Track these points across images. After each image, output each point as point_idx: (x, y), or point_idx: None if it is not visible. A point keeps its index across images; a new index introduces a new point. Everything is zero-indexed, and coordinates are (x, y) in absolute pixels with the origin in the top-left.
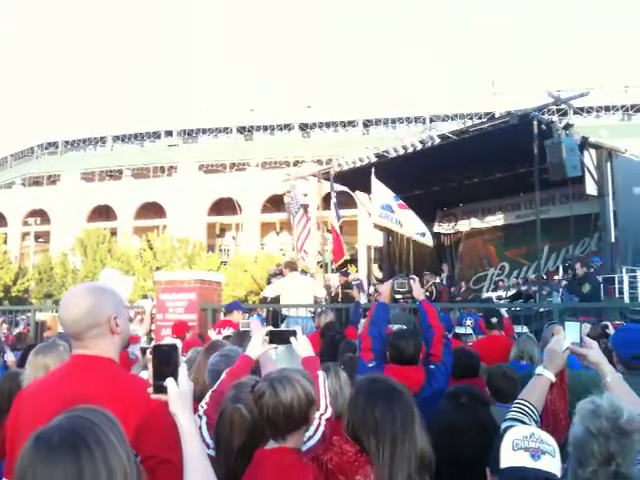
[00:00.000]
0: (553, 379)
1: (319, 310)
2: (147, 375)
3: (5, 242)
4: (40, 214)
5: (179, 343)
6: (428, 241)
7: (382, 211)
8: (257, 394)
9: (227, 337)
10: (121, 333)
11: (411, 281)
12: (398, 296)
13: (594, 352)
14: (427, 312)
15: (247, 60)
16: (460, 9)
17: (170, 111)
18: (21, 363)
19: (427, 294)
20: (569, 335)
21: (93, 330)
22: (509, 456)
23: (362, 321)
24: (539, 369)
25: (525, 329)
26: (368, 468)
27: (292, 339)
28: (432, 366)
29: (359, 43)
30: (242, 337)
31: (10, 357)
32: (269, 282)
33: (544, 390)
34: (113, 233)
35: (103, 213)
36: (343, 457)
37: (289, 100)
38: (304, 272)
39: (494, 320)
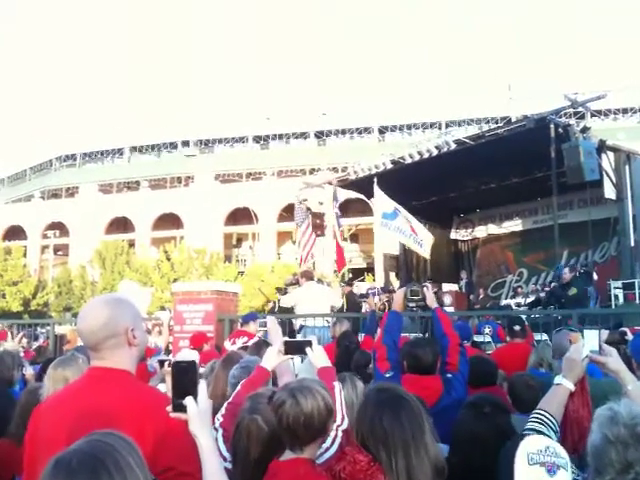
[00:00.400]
0: (572, 388)
1: (335, 319)
2: (165, 388)
3: (25, 255)
4: (59, 227)
5: (197, 356)
6: (425, 252)
7: (383, 220)
8: (277, 403)
9: (244, 348)
10: (138, 345)
11: (424, 289)
12: (411, 304)
13: (613, 360)
14: (441, 320)
15: (262, 69)
16: (476, 12)
17: (186, 121)
18: (40, 377)
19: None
20: (588, 343)
21: (110, 341)
22: (524, 471)
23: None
24: (558, 378)
25: (544, 336)
26: (381, 477)
27: (307, 349)
28: (449, 375)
29: (374, 50)
30: (259, 347)
31: (29, 371)
32: (285, 292)
33: (563, 400)
34: (131, 245)
35: (121, 225)
36: (356, 466)
37: (304, 108)
38: (320, 281)
39: (517, 328)
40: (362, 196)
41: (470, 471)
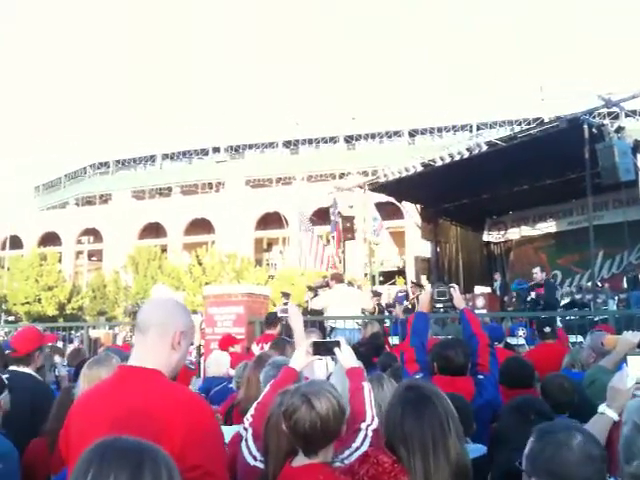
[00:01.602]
0: (616, 418)
1: (365, 322)
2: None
3: (60, 261)
4: (93, 233)
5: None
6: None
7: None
8: (290, 409)
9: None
10: (180, 354)
11: (451, 289)
12: (438, 305)
13: None
14: (470, 320)
15: (292, 75)
16: (506, 12)
17: (217, 128)
18: (75, 378)
19: (409, 306)
20: (633, 370)
21: (157, 329)
22: None
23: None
24: (601, 407)
25: (580, 338)
26: (404, 479)
27: (336, 350)
28: (481, 376)
29: (404, 53)
30: (281, 345)
31: (62, 372)
32: (316, 292)
33: (605, 429)
34: (163, 250)
35: (153, 230)
36: (379, 468)
37: (334, 113)
38: (350, 284)
39: (547, 329)
40: (392, 199)
41: (515, 475)
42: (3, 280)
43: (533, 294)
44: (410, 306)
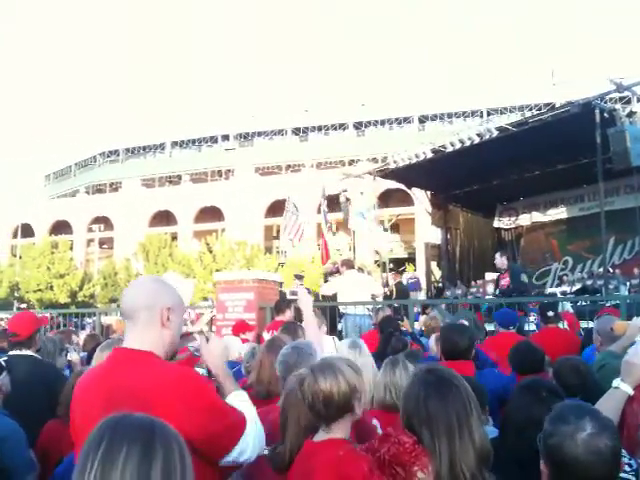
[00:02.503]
0: (631, 393)
1: (377, 307)
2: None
3: (71, 249)
4: (103, 221)
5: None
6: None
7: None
8: (299, 381)
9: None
10: (171, 330)
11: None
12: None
13: None
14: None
15: (300, 61)
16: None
17: (226, 115)
18: (88, 362)
19: (387, 293)
20: None
21: (144, 313)
22: None
23: (421, 318)
24: (616, 382)
25: (592, 324)
26: (426, 460)
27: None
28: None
29: (413, 37)
30: (293, 329)
31: (74, 356)
32: (326, 280)
33: (620, 404)
34: (174, 237)
35: (164, 218)
36: (400, 448)
37: (343, 99)
38: (361, 270)
39: (550, 313)
40: (402, 186)
41: (526, 455)
42: (15, 268)
43: (503, 282)
44: (388, 293)
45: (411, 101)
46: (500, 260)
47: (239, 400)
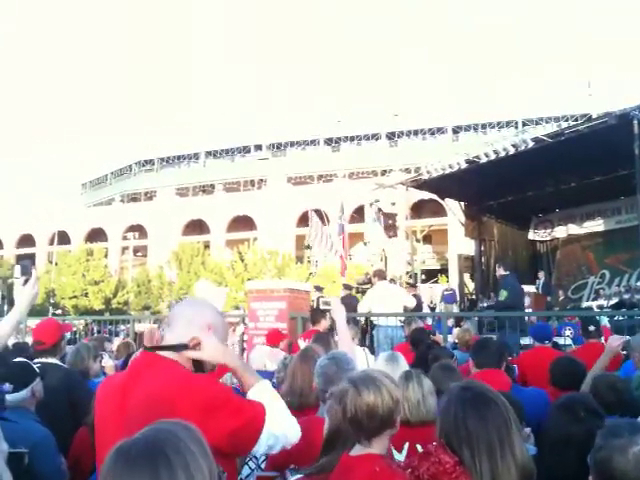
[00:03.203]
0: None
1: (409, 319)
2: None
3: (106, 256)
4: (138, 229)
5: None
6: None
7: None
8: (340, 393)
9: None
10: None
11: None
12: None
13: None
14: None
15: (333, 72)
16: (555, 5)
17: (259, 126)
18: (123, 369)
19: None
20: None
21: (183, 322)
22: None
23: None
24: None
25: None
26: None
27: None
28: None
29: (448, 47)
30: (326, 339)
31: (108, 363)
32: (349, 287)
33: None
34: (206, 246)
35: (197, 227)
36: (440, 468)
37: (375, 109)
38: (392, 281)
39: (592, 328)
40: (435, 196)
41: (562, 474)
42: (51, 275)
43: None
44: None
45: (445, 111)
46: (498, 271)
47: (260, 392)
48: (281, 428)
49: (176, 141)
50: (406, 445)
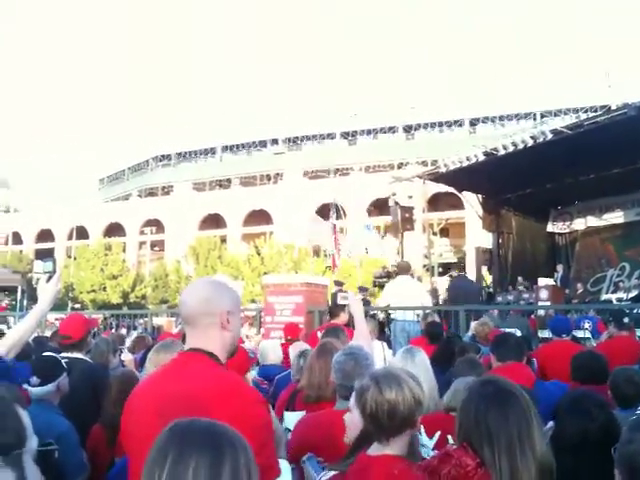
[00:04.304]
0: None
1: (425, 313)
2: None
3: (124, 250)
4: (155, 224)
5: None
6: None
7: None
8: (361, 390)
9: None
10: (231, 331)
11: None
12: None
13: None
14: None
15: (349, 65)
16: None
17: (275, 120)
18: (142, 364)
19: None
20: None
21: (206, 319)
22: None
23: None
24: None
25: None
26: None
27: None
28: None
29: (464, 39)
30: (335, 333)
31: (128, 357)
32: (365, 290)
33: None
34: (223, 240)
35: (213, 221)
36: (460, 471)
37: (392, 102)
38: (411, 275)
39: (626, 320)
40: (453, 189)
41: (579, 471)
42: (70, 269)
43: None
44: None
45: (462, 104)
46: None
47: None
48: None
49: (193, 136)
50: (437, 433)
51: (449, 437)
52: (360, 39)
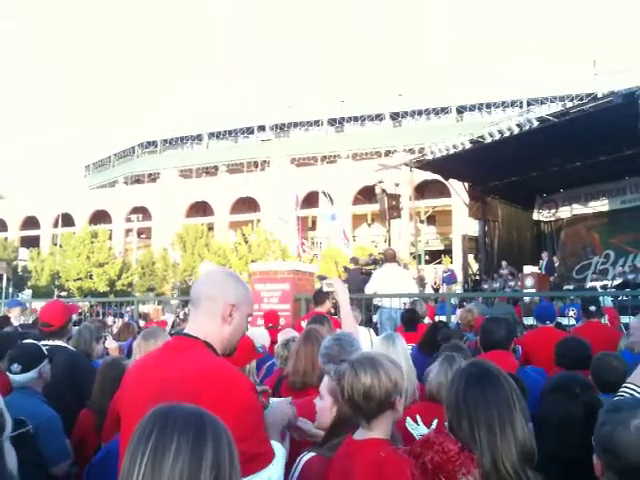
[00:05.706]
0: None
1: (412, 300)
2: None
3: (110, 238)
4: (142, 211)
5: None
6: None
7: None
8: (338, 375)
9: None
10: (232, 327)
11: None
12: None
13: None
14: None
15: (336, 52)
16: None
17: (262, 107)
18: (129, 351)
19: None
20: None
21: (206, 302)
22: None
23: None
24: None
25: (633, 319)
26: (472, 466)
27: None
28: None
29: (450, 25)
30: (320, 321)
31: (112, 344)
32: (361, 271)
33: None
34: (210, 228)
35: (200, 209)
36: (444, 456)
37: (379, 89)
38: (398, 263)
39: (592, 308)
40: (439, 177)
41: (563, 454)
42: (56, 257)
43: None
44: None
45: (449, 91)
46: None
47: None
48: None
49: (179, 123)
50: (435, 421)
51: (446, 424)
52: (347, 26)
